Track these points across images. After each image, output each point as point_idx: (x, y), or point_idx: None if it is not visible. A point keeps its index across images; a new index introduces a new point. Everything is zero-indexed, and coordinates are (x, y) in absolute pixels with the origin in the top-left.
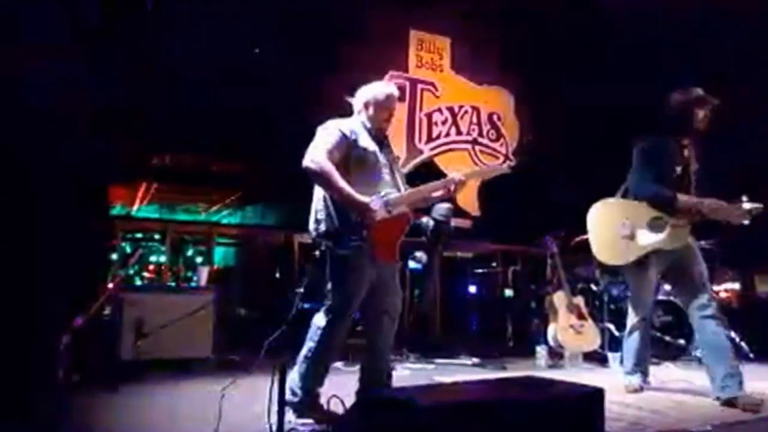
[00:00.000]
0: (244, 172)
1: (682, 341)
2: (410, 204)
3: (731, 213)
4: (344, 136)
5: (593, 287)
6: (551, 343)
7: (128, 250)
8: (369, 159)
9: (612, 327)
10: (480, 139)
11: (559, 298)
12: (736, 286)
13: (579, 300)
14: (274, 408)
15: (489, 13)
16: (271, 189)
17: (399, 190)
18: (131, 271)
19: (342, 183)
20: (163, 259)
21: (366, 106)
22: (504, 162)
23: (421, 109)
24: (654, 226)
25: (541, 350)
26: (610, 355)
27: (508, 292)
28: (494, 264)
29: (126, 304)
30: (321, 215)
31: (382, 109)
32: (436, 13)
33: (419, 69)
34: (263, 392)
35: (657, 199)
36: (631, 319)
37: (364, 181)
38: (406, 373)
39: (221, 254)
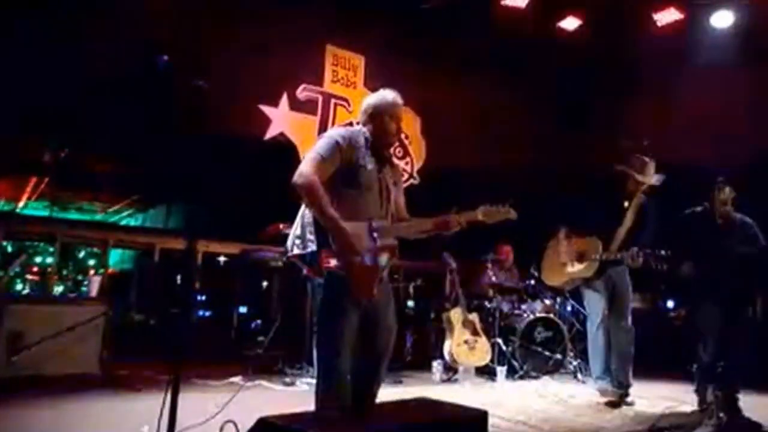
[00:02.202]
0: (146, 174)
1: (559, 356)
2: (400, 236)
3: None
4: (338, 146)
5: (487, 304)
6: (447, 358)
7: (9, 249)
8: (364, 177)
9: (501, 341)
10: None
11: (456, 314)
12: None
13: (474, 316)
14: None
15: (401, 35)
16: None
17: (390, 217)
18: (11, 273)
19: (330, 210)
20: (50, 260)
21: (372, 117)
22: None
23: (333, 124)
24: (581, 259)
25: (436, 365)
26: (498, 368)
27: (409, 307)
28: (396, 277)
29: (3, 312)
30: (299, 233)
31: (388, 118)
32: (352, 30)
33: (334, 84)
34: (154, 411)
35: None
36: (590, 331)
37: (353, 201)
38: (305, 388)
39: (118, 256)
